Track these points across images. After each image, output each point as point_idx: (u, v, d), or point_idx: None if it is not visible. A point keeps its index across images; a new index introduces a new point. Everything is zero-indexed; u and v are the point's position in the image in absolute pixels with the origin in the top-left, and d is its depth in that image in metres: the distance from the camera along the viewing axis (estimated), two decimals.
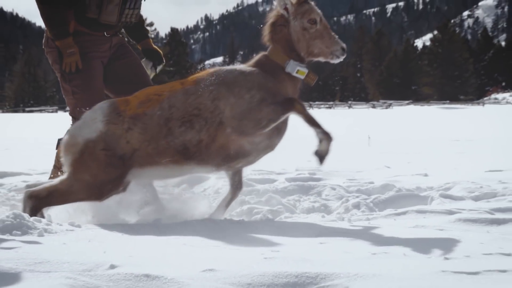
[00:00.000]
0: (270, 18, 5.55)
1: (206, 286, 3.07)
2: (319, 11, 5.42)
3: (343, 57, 5.45)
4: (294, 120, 5.42)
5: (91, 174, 5.20)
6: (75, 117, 5.90)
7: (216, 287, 3.08)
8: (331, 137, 5.29)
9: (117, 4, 5.78)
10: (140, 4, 6.09)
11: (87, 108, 5.78)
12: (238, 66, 5.47)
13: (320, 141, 5.31)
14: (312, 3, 5.45)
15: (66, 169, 5.33)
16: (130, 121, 5.19)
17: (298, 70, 5.34)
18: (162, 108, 5.23)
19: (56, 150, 5.98)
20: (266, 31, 5.55)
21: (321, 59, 5.53)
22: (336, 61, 5.49)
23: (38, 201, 5.22)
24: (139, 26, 6.50)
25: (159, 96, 5.30)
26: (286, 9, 5.38)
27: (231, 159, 5.36)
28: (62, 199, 5.29)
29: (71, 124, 6.04)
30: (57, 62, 5.89)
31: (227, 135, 5.24)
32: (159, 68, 6.51)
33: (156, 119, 5.20)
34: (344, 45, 5.44)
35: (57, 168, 5.96)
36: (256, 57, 5.54)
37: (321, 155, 5.34)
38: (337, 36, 5.43)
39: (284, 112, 5.25)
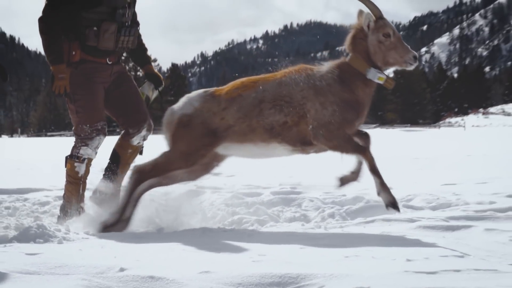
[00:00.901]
0: (351, 30, 5.55)
1: (202, 286, 3.07)
2: (392, 25, 5.40)
3: (416, 64, 5.41)
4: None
5: (187, 143, 5.31)
6: (78, 134, 5.89)
7: (211, 287, 3.08)
8: (388, 187, 5.35)
9: (112, 32, 5.81)
10: (135, 31, 6.11)
11: (88, 125, 5.80)
12: (325, 72, 5.42)
13: (379, 193, 5.37)
14: (386, 18, 5.42)
15: (167, 143, 5.49)
16: (227, 102, 5.30)
17: (379, 77, 5.34)
18: (257, 91, 5.32)
19: (66, 168, 5.96)
20: (347, 42, 5.54)
21: (397, 67, 5.52)
22: (410, 68, 5.47)
23: (143, 174, 5.36)
24: (142, 54, 6.52)
25: (254, 83, 5.40)
26: (368, 25, 5.38)
27: (306, 144, 5.39)
28: (163, 170, 5.38)
29: (74, 141, 6.01)
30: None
31: (307, 126, 5.28)
32: (160, 89, 6.54)
33: (251, 100, 5.29)
34: (416, 54, 5.40)
35: (69, 182, 5.93)
36: (338, 62, 5.52)
37: (388, 205, 5.35)
38: (409, 46, 5.41)
39: (354, 153, 5.36)
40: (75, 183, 5.87)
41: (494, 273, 3.35)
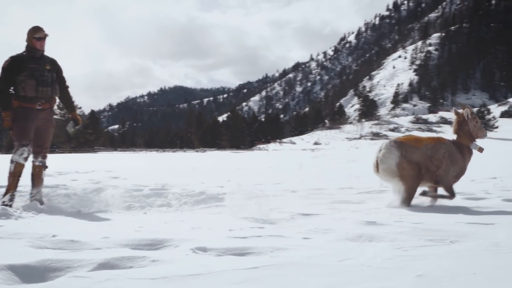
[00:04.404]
0: (456, 120, 5.80)
1: (103, 246, 3.08)
2: (477, 116, 5.77)
3: (487, 135, 5.87)
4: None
5: (413, 174, 5.31)
6: (14, 148, 5.82)
7: (108, 246, 3.09)
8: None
9: (33, 85, 5.79)
10: (51, 84, 5.98)
11: (18, 143, 5.76)
12: (452, 145, 5.60)
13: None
14: (474, 112, 5.87)
15: (398, 183, 5.37)
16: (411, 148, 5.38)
17: (477, 147, 5.68)
18: (425, 147, 5.43)
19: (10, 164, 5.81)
20: (455, 126, 5.78)
21: (479, 139, 5.80)
22: (485, 138, 5.83)
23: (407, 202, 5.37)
24: (70, 104, 6.37)
25: (421, 141, 5.47)
26: (467, 116, 5.71)
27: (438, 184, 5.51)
28: (411, 196, 5.37)
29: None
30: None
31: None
32: (77, 127, 6.49)
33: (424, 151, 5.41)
34: (486, 131, 5.85)
35: (7, 177, 5.76)
36: (452, 139, 5.72)
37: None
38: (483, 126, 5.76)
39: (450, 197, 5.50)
40: (11, 177, 5.76)
41: (281, 238, 3.52)
